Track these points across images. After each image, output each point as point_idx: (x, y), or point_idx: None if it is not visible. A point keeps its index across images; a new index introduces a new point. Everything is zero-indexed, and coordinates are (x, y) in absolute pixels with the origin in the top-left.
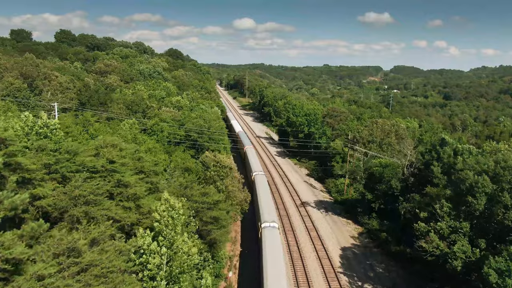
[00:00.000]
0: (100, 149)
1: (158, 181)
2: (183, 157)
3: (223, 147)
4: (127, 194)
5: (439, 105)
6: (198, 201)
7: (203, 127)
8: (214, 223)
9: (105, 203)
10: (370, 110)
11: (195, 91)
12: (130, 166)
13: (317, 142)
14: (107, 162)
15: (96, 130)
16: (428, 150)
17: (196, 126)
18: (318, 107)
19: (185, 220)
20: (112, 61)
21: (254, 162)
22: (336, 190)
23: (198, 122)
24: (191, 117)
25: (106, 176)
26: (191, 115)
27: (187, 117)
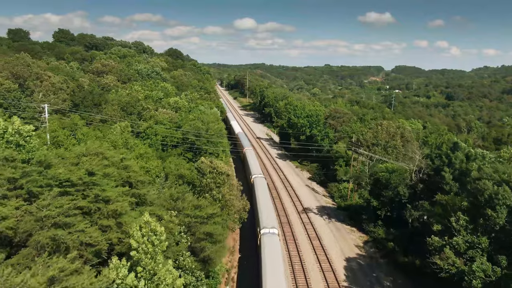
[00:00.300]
0: (81, 158)
1: (146, 193)
2: (177, 163)
3: (222, 149)
4: (107, 211)
5: (441, 106)
6: (191, 215)
7: (200, 130)
8: (208, 239)
9: (79, 225)
10: (372, 111)
11: (194, 92)
12: (115, 177)
13: (319, 145)
14: (86, 174)
15: (84, 135)
16: (438, 155)
17: (194, 128)
18: (320, 108)
19: (172, 241)
20: (109, 61)
21: (253, 164)
22: (339, 195)
23: (196, 124)
24: (188, 119)
25: (84, 190)
26: (189, 117)
27: (184, 118)
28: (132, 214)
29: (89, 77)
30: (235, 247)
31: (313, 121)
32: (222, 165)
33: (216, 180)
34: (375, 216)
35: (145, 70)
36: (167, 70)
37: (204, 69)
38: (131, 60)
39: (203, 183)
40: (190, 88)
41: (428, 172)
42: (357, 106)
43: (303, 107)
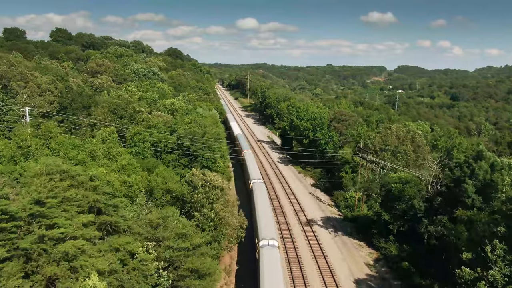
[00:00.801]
0: (31, 181)
1: (119, 221)
2: (165, 175)
3: (220, 155)
4: (56, 254)
5: (446, 106)
6: (173, 246)
7: (196, 134)
8: (194, 275)
9: (9, 283)
10: (377, 112)
11: (193, 93)
12: (79, 201)
13: (323, 149)
14: (32, 203)
15: (59, 145)
16: (458, 164)
17: (189, 133)
18: (323, 110)
19: None
20: (104, 60)
21: (252, 169)
22: (346, 205)
23: (192, 128)
24: (184, 122)
25: (31, 223)
26: (185, 120)
27: (179, 122)
28: (95, 252)
29: (82, 77)
30: (232, 266)
31: (317, 124)
32: (216, 178)
33: (209, 195)
34: (386, 231)
35: (142, 70)
36: (165, 70)
37: (204, 69)
38: (127, 59)
39: (194, 199)
40: (188, 88)
41: (447, 183)
42: (361, 107)
43: (306, 109)
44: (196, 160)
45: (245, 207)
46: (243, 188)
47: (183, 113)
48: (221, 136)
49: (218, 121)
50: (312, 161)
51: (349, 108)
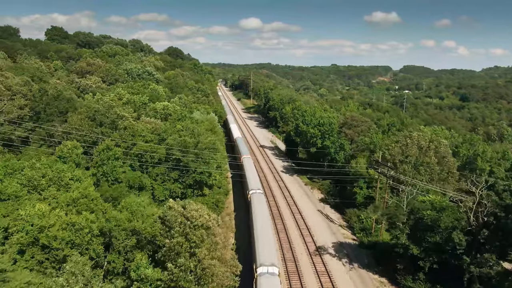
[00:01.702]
0: None
1: None
2: (134, 208)
3: (217, 165)
4: None
5: (456, 107)
6: None
7: (188, 144)
8: None
9: None
10: (388, 115)
11: (190, 94)
12: None
13: (333, 158)
14: None
15: None
16: (507, 187)
17: (180, 142)
18: (333, 115)
19: None
20: (96, 59)
21: (251, 177)
22: (361, 227)
23: (183, 137)
24: (175, 130)
25: None
26: (177, 127)
27: (169, 129)
28: None
29: (69, 78)
30: None
31: (326, 131)
32: (200, 212)
33: (191, 238)
34: (414, 267)
35: (136, 70)
36: (162, 70)
37: (205, 69)
38: (121, 59)
39: (167, 245)
40: (185, 90)
41: (496, 212)
42: (370, 109)
43: (313, 113)
44: (187, 173)
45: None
46: (243, 199)
47: (175, 119)
48: (218, 144)
49: (216, 126)
50: (320, 169)
51: (358, 111)
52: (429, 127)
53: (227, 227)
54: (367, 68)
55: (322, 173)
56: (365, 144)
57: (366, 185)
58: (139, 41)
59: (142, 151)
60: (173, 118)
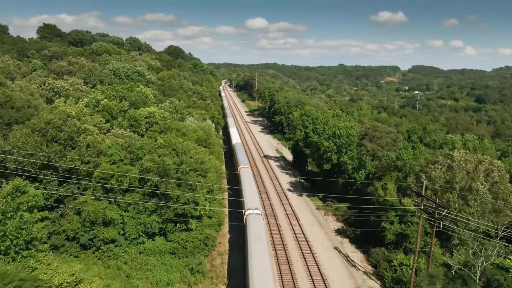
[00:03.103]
0: None
1: None
2: None
3: (208, 189)
4: None
5: (472, 109)
6: None
7: (168, 167)
8: None
9: None
10: (406, 120)
11: (186, 97)
12: None
13: (351, 176)
14: None
15: None
16: None
17: (158, 163)
18: (351, 124)
19: None
20: (80, 58)
21: (249, 193)
22: (394, 278)
23: (161, 158)
24: (154, 146)
25: None
26: (158, 141)
27: (146, 145)
28: None
29: (41, 79)
30: None
31: (342, 144)
32: None
33: None
34: None
35: (124, 71)
36: (157, 70)
37: (207, 69)
38: (108, 58)
39: None
40: (180, 92)
41: None
42: (385, 113)
43: (326, 121)
44: (168, 203)
45: (242, 264)
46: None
47: (157, 130)
48: (213, 160)
49: (212, 135)
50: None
51: (372, 115)
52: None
53: (217, 276)
54: (375, 68)
55: (337, 192)
56: (392, 161)
57: (398, 219)
58: (137, 39)
59: (108, 174)
60: (154, 130)
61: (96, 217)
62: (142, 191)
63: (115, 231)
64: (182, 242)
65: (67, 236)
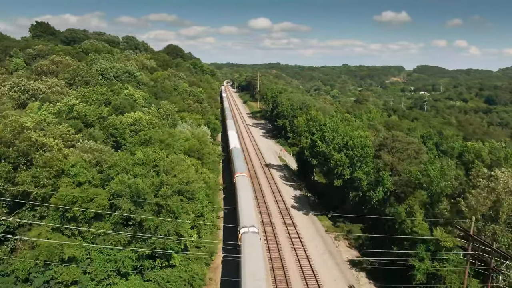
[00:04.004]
0: None
1: None
2: None
3: (196, 215)
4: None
5: (482, 111)
6: None
7: (142, 191)
8: None
9: None
10: (420, 124)
11: (180, 100)
12: None
13: (365, 194)
14: None
15: None
16: None
17: (131, 186)
18: (366, 133)
19: None
20: (64, 58)
21: (245, 206)
22: None
23: (140, 178)
24: (130, 163)
25: None
26: (137, 156)
27: (122, 161)
28: None
29: (16, 80)
30: None
31: (356, 157)
32: None
33: None
34: None
35: (113, 71)
36: (151, 70)
37: (207, 69)
38: (96, 57)
39: None
40: (174, 95)
41: None
42: (395, 116)
43: (335, 128)
44: (145, 233)
45: None
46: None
47: (138, 142)
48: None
49: (207, 143)
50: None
51: (382, 118)
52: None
53: None
54: (379, 68)
55: (349, 209)
56: (416, 179)
57: (429, 253)
58: (134, 38)
59: (70, 200)
60: (135, 141)
61: (52, 254)
62: (113, 220)
63: (79, 271)
64: (162, 282)
65: (16, 278)
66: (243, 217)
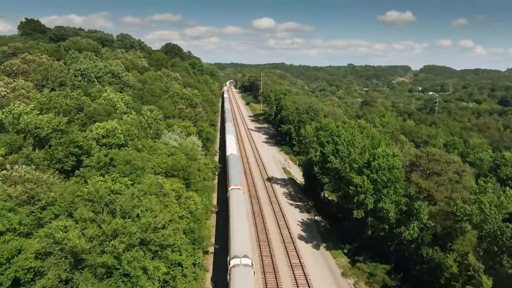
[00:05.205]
0: None
1: None
2: None
3: (163, 277)
4: None
5: (497, 113)
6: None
7: (76, 248)
8: None
9: None
10: (441, 131)
11: (171, 104)
12: None
13: (393, 228)
14: None
15: None
16: None
17: (60, 244)
18: (391, 150)
19: None
20: (39, 56)
21: (237, 232)
22: None
23: (73, 236)
24: (72, 204)
25: None
26: (83, 191)
27: (64, 199)
28: None
29: None
30: None
31: (382, 182)
32: None
33: None
34: None
35: (95, 71)
36: (141, 70)
37: (207, 69)
38: (77, 55)
39: None
40: (164, 98)
41: None
42: (410, 121)
43: (352, 140)
44: None
45: None
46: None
47: (94, 165)
48: (193, 207)
49: (197, 157)
50: (360, 225)
51: (396, 122)
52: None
53: None
54: (385, 68)
55: (371, 243)
56: (465, 214)
57: None
58: (129, 36)
59: None
60: (93, 163)
61: None
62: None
63: None
64: None
65: None
66: (235, 244)
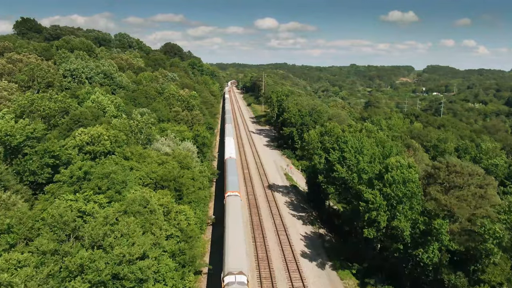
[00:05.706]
0: None
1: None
2: None
3: None
4: None
5: (504, 114)
6: None
7: None
8: None
9: None
10: (450, 133)
11: (166, 106)
12: None
13: (409, 249)
14: None
15: None
16: None
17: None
18: (407, 161)
19: None
20: (27, 56)
21: (232, 244)
22: None
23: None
24: (31, 229)
25: None
26: (44, 215)
27: (18, 226)
28: None
29: None
30: None
31: (396, 197)
32: None
33: None
34: None
35: (86, 71)
36: (136, 70)
37: (207, 69)
38: (68, 54)
39: None
40: (159, 100)
41: None
42: (418, 123)
43: (360, 148)
44: None
45: None
46: None
47: (67, 179)
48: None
49: (192, 165)
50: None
51: (404, 125)
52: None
53: None
54: (388, 68)
55: (383, 264)
56: (495, 237)
57: None
58: (127, 35)
59: None
60: (65, 176)
61: None
62: None
63: None
64: None
65: None
66: (229, 259)
